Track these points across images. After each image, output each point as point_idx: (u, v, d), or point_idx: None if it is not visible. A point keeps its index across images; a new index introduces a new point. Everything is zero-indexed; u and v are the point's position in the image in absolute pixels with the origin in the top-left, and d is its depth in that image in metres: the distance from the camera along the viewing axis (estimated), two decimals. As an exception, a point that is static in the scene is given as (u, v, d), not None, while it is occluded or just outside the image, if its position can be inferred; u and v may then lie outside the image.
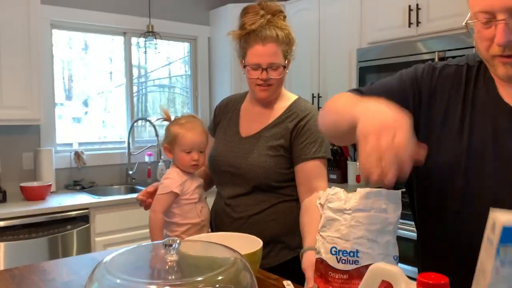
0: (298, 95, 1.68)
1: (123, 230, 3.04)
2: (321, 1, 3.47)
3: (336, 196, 1.04)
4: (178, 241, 0.80)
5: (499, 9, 0.88)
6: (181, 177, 1.59)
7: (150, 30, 3.61)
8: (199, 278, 0.72)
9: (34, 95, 2.97)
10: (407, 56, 2.79)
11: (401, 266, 0.87)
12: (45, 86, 3.22)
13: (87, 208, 2.90)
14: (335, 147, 3.58)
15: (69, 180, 3.45)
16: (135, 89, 3.89)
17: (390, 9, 2.97)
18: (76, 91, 3.63)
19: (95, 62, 3.70)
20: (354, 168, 3.44)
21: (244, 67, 1.58)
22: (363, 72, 3.09)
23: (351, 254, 0.99)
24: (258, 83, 1.55)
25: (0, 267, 2.58)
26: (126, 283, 0.71)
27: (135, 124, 3.80)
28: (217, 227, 1.66)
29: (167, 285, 0.71)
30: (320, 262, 1.04)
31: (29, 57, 2.95)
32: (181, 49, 4.17)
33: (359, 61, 3.12)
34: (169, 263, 0.78)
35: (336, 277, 1.00)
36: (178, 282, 0.73)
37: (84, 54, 3.67)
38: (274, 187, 1.55)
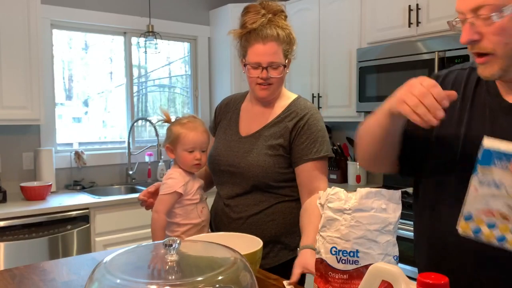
0: (298, 94, 1.68)
1: (123, 230, 3.04)
2: (321, 1, 3.47)
3: (336, 196, 1.04)
4: (178, 241, 0.80)
5: (465, 10, 0.93)
6: (184, 178, 1.59)
7: (150, 30, 3.60)
8: (199, 278, 0.72)
9: (34, 95, 2.97)
10: (407, 56, 2.79)
11: (401, 266, 0.87)
12: (45, 86, 3.22)
13: (87, 208, 2.90)
14: (335, 147, 3.58)
15: (69, 180, 3.45)
16: (135, 89, 3.89)
17: (390, 9, 2.97)
18: (76, 91, 3.63)
19: (95, 62, 3.69)
20: (354, 168, 3.44)
21: (245, 66, 1.58)
22: (363, 72, 3.09)
23: (351, 254, 0.99)
24: (258, 82, 1.55)
25: (0, 267, 2.58)
26: (126, 283, 0.71)
27: (135, 124, 3.80)
28: (217, 228, 1.66)
29: (167, 285, 0.71)
30: (320, 262, 1.04)
31: (29, 57, 2.95)
32: (181, 49, 4.17)
33: (359, 61, 3.12)
34: (169, 263, 0.78)
35: (336, 277, 1.00)
36: (178, 282, 0.73)
37: (84, 54, 3.67)
38: (273, 187, 1.55)
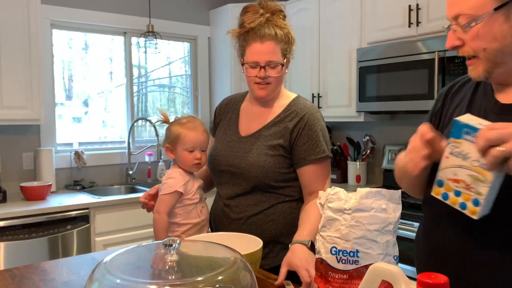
0: (298, 94, 1.68)
1: (123, 230, 3.04)
2: (321, 1, 3.47)
3: (336, 196, 1.04)
4: (178, 241, 0.80)
5: (449, 17, 1.01)
6: (184, 177, 1.59)
7: (150, 30, 3.60)
8: (199, 278, 0.72)
9: (34, 95, 2.97)
10: (407, 56, 2.80)
11: (401, 266, 0.87)
12: (45, 86, 3.22)
13: (87, 208, 2.90)
14: (335, 147, 3.58)
15: (69, 180, 3.45)
16: (135, 89, 3.88)
17: (390, 9, 2.97)
18: (76, 91, 3.63)
19: (95, 62, 3.69)
20: (354, 168, 3.44)
21: (243, 66, 1.58)
22: (363, 72, 3.09)
23: (351, 254, 0.99)
24: (257, 81, 1.56)
25: (0, 267, 2.58)
26: (126, 283, 0.71)
27: (135, 124, 3.80)
28: (217, 228, 1.65)
29: (167, 285, 0.71)
30: (320, 262, 1.04)
31: (29, 57, 2.95)
32: (181, 49, 4.17)
33: (359, 61, 3.12)
34: (169, 263, 0.78)
35: (336, 277, 1.00)
36: (178, 282, 0.73)
37: (84, 54, 3.66)
38: (274, 187, 1.55)
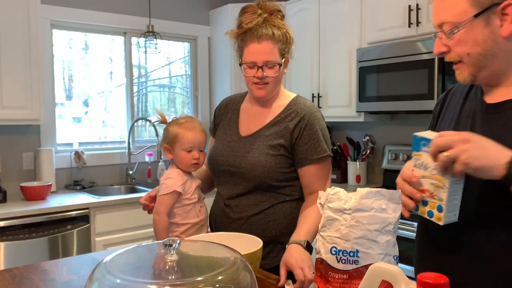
0: (297, 94, 1.68)
1: (123, 230, 3.04)
2: (321, 1, 3.47)
3: (336, 196, 1.04)
4: (178, 241, 0.80)
5: (435, 25, 1.09)
6: (182, 177, 1.60)
7: (150, 30, 3.60)
8: (199, 278, 0.72)
9: (34, 95, 2.97)
10: (407, 56, 2.80)
11: (401, 266, 0.87)
12: (45, 86, 3.22)
13: (87, 208, 2.90)
14: (335, 147, 3.58)
15: (69, 180, 3.45)
16: (135, 89, 3.88)
17: (390, 9, 2.97)
18: (76, 91, 3.63)
19: (95, 62, 3.69)
20: (354, 168, 3.44)
21: (241, 66, 1.59)
22: (363, 72, 3.09)
23: (351, 254, 0.99)
24: (255, 82, 1.56)
25: (0, 267, 2.58)
26: (126, 283, 0.71)
27: (135, 124, 3.80)
28: (217, 228, 1.65)
29: (167, 285, 0.71)
30: (320, 262, 1.04)
31: (29, 57, 2.95)
32: (181, 49, 4.17)
33: (359, 61, 3.12)
34: (169, 263, 0.78)
35: (336, 277, 1.00)
36: (178, 282, 0.73)
37: (84, 54, 3.66)
38: (274, 187, 1.55)
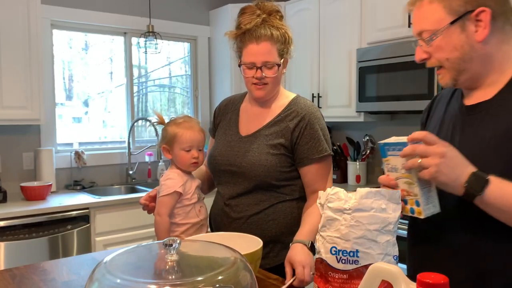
0: (297, 94, 1.68)
1: (123, 230, 3.04)
2: (321, 1, 3.47)
3: (336, 196, 1.04)
4: (178, 241, 0.80)
5: (415, 34, 1.15)
6: (182, 178, 1.60)
7: (151, 30, 3.60)
8: (199, 278, 0.72)
9: (35, 95, 2.97)
10: (407, 56, 2.79)
11: (401, 266, 0.87)
12: (46, 86, 3.22)
13: (87, 208, 2.90)
14: (335, 147, 3.58)
15: (70, 180, 3.45)
16: (136, 89, 3.89)
17: (390, 9, 2.97)
18: (77, 91, 3.63)
19: (96, 62, 3.70)
20: (354, 168, 3.44)
21: (240, 67, 1.59)
22: (363, 72, 3.09)
23: (351, 254, 0.99)
24: (254, 82, 1.56)
25: (1, 267, 2.58)
26: (126, 283, 0.71)
27: (135, 124, 3.80)
28: (217, 228, 1.66)
29: (167, 285, 0.71)
30: (320, 262, 1.05)
31: (30, 57, 2.95)
32: (181, 49, 4.17)
33: (359, 61, 3.12)
34: (169, 263, 0.78)
35: (336, 277, 1.00)
36: (178, 282, 0.73)
37: (85, 54, 3.67)
38: (275, 186, 1.55)
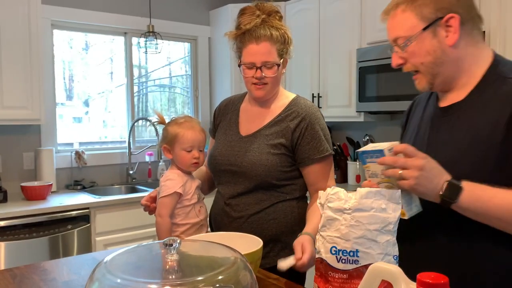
0: (297, 94, 1.69)
1: (124, 230, 3.04)
2: (321, 1, 3.47)
3: (336, 196, 1.04)
4: (178, 241, 0.80)
5: (390, 40, 1.19)
6: (182, 178, 1.60)
7: (151, 30, 3.60)
8: (200, 278, 0.72)
9: (35, 95, 2.97)
10: (408, 56, 2.79)
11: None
12: (46, 86, 3.22)
13: (88, 208, 2.90)
14: (335, 147, 3.58)
15: (70, 180, 3.45)
16: (136, 89, 3.89)
17: (391, 9, 2.97)
18: (77, 91, 3.64)
19: (96, 62, 3.70)
20: (354, 168, 3.44)
21: (240, 67, 1.59)
22: (363, 72, 3.09)
23: (351, 254, 0.99)
24: (254, 82, 1.57)
25: (1, 267, 2.58)
26: (127, 283, 0.72)
27: (136, 124, 3.80)
28: (217, 227, 1.66)
29: (167, 285, 0.71)
30: (320, 262, 1.05)
31: (30, 57, 2.95)
32: (182, 49, 4.17)
33: (359, 61, 3.12)
34: (170, 263, 0.78)
35: (336, 277, 1.00)
36: (178, 282, 0.73)
37: (85, 54, 3.67)
38: (275, 185, 1.56)
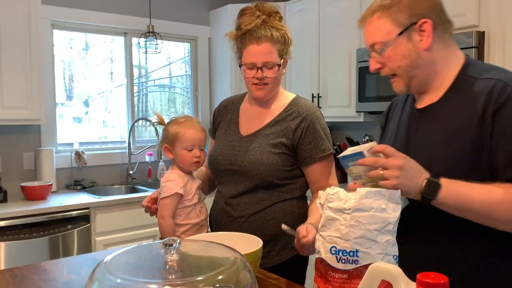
0: (296, 94, 1.69)
1: (124, 230, 3.04)
2: (321, 1, 3.47)
3: (336, 196, 1.04)
4: (178, 241, 0.80)
5: (367, 46, 1.23)
6: (183, 178, 1.60)
7: (151, 31, 3.60)
8: (199, 278, 0.72)
9: (35, 95, 2.97)
10: (407, 56, 2.79)
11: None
12: (46, 86, 3.22)
13: (88, 208, 2.90)
14: (335, 146, 3.58)
15: (70, 180, 3.45)
16: (136, 89, 3.89)
17: (390, 9, 2.97)
18: (77, 91, 3.64)
19: (96, 62, 3.70)
20: (355, 168, 3.43)
21: (241, 67, 1.60)
22: (363, 72, 3.09)
23: (351, 254, 0.99)
24: (254, 82, 1.57)
25: (1, 267, 2.58)
26: (127, 283, 0.72)
27: (136, 124, 3.80)
28: (217, 227, 1.66)
29: (167, 285, 0.71)
30: (320, 262, 1.05)
31: (30, 57, 2.95)
32: (182, 49, 4.17)
33: (359, 61, 3.11)
34: (169, 263, 0.78)
35: (336, 277, 1.00)
36: (178, 282, 0.73)
37: (85, 54, 3.67)
38: (276, 185, 1.56)
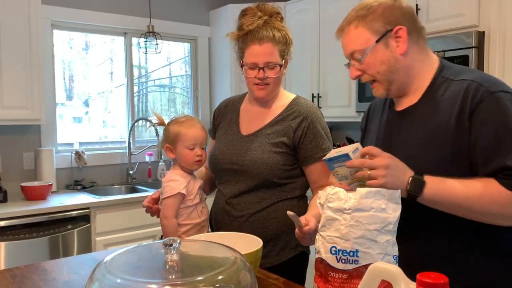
0: (297, 94, 1.69)
1: (124, 230, 3.04)
2: (321, 1, 3.47)
3: (336, 196, 1.04)
4: (178, 241, 0.80)
5: (346, 55, 1.25)
6: (185, 178, 1.60)
7: (151, 31, 3.60)
8: (199, 278, 0.72)
9: (35, 95, 2.97)
10: (407, 56, 2.79)
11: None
12: (46, 86, 3.23)
13: (88, 208, 2.90)
14: (335, 146, 3.58)
15: (70, 180, 3.45)
16: (136, 89, 3.89)
17: (390, 9, 2.97)
18: (77, 91, 3.64)
19: (96, 62, 3.70)
20: (355, 168, 3.43)
21: (242, 67, 1.60)
22: (364, 72, 3.08)
23: (351, 254, 0.99)
24: (256, 82, 1.58)
25: (1, 267, 2.58)
26: (127, 283, 0.72)
27: (136, 124, 3.80)
28: (218, 226, 1.66)
29: (167, 285, 0.71)
30: (320, 262, 1.05)
31: (30, 57, 2.95)
32: (182, 49, 4.17)
33: (360, 61, 3.11)
34: (170, 263, 0.78)
35: (336, 277, 1.00)
36: (179, 282, 0.73)
37: (85, 54, 3.67)
38: (276, 184, 1.56)
